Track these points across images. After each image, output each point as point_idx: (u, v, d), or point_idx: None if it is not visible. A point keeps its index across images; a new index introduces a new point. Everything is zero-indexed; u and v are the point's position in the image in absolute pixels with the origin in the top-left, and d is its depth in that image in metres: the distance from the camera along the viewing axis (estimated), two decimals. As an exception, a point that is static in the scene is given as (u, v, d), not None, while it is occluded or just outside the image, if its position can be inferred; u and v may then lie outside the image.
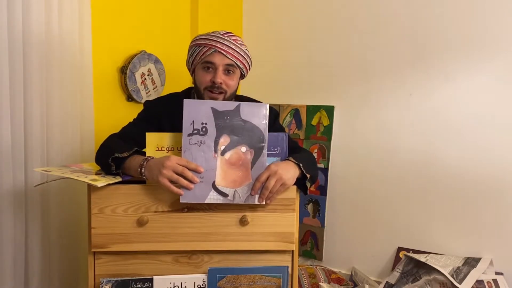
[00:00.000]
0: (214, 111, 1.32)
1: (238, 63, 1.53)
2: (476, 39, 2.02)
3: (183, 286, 1.39)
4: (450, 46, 2.08)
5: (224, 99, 1.52)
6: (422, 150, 2.17)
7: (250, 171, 1.34)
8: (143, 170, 1.33)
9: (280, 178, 1.34)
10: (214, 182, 1.33)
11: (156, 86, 2.31)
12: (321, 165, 2.43)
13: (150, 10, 2.28)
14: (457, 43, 2.06)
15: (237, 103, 1.33)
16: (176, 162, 1.29)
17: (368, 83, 2.31)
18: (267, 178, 1.34)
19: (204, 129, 1.32)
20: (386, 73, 2.26)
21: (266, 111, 1.34)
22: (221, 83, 1.50)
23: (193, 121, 1.31)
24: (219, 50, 1.49)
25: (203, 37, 1.53)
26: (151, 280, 1.38)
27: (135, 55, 2.18)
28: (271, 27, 2.65)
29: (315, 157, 2.42)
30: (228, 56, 1.50)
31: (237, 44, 1.53)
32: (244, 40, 2.71)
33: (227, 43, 1.51)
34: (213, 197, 1.33)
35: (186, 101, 1.33)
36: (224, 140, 1.33)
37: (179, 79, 2.37)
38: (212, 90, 1.51)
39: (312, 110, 2.47)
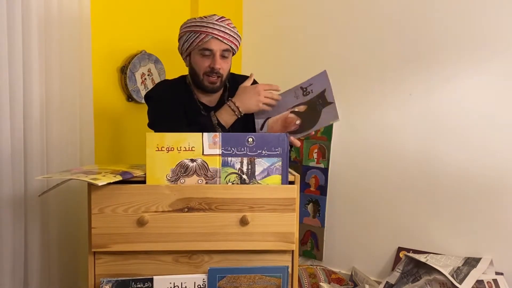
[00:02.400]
0: (324, 91, 1.53)
1: (233, 46, 1.63)
2: (476, 39, 2.02)
3: (183, 286, 1.39)
4: (450, 46, 2.08)
5: (221, 82, 1.64)
6: (422, 150, 2.17)
7: (283, 130, 1.58)
8: (236, 104, 1.55)
9: None
10: (270, 118, 1.60)
11: (156, 86, 2.31)
12: (321, 165, 2.43)
13: (150, 10, 2.28)
14: (457, 43, 2.06)
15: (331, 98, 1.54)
16: (263, 88, 1.56)
17: (368, 83, 2.31)
18: None
19: (308, 93, 1.55)
20: (386, 73, 2.26)
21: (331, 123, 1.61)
22: (219, 68, 1.59)
23: (311, 84, 1.55)
24: (216, 36, 1.57)
25: (199, 23, 1.59)
26: (151, 280, 1.38)
27: (135, 55, 2.18)
28: (271, 28, 2.65)
29: (315, 156, 2.45)
30: (224, 41, 1.59)
31: (230, 29, 1.62)
32: (244, 40, 2.73)
33: (223, 29, 1.59)
34: (260, 120, 1.62)
35: (324, 72, 1.54)
36: (302, 108, 1.56)
37: (179, 79, 2.37)
38: (210, 75, 1.61)
39: (312, 110, 2.47)
